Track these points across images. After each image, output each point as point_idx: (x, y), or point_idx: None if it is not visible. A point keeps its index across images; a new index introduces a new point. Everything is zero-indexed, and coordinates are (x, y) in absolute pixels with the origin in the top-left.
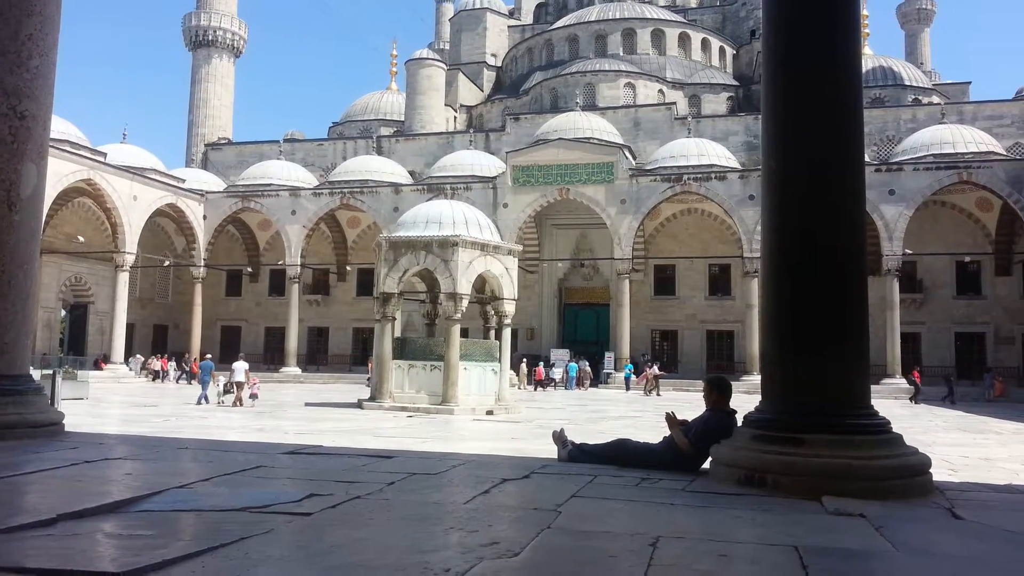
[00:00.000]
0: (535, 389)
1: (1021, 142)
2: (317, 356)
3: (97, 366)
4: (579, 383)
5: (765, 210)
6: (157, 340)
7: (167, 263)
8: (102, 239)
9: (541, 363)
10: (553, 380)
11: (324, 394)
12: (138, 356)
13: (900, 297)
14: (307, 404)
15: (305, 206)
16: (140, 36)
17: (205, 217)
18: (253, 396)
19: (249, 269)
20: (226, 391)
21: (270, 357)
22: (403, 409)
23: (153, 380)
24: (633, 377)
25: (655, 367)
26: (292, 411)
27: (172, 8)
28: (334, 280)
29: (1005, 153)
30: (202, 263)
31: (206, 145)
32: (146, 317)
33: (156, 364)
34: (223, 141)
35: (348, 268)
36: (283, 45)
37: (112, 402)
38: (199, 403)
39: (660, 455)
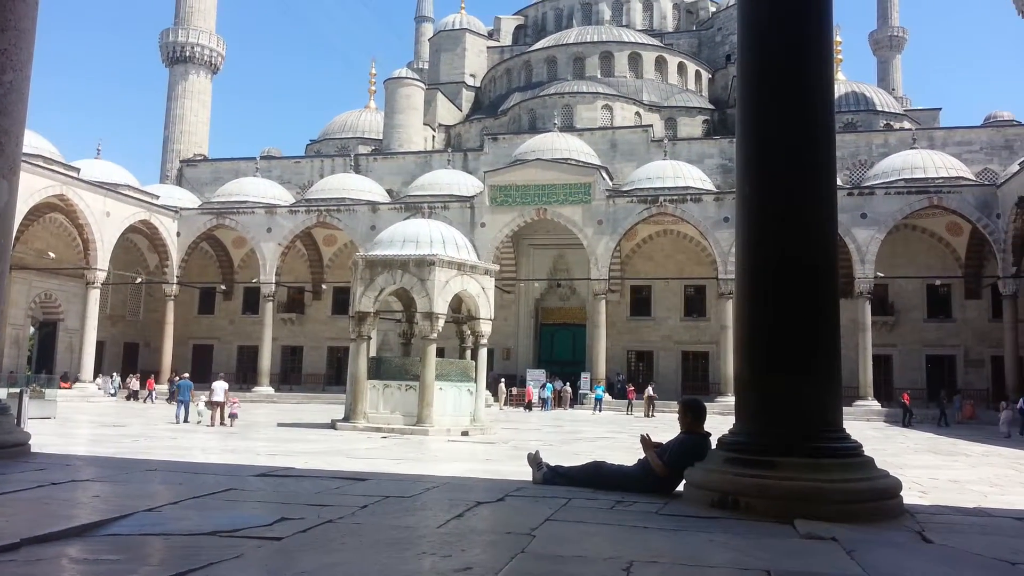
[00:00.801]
0: (527, 410)
1: (990, 168)
2: (291, 375)
3: (61, 384)
4: (558, 403)
5: (739, 233)
6: (127, 358)
7: (139, 280)
8: (73, 255)
9: (530, 383)
10: (544, 400)
11: (297, 414)
12: (114, 375)
13: (872, 319)
14: (280, 424)
15: (281, 224)
16: (117, 51)
17: (179, 234)
18: (232, 416)
19: (223, 287)
20: (209, 408)
21: (243, 376)
22: (377, 430)
23: (133, 400)
24: (606, 397)
25: (650, 388)
26: (264, 431)
27: (149, 23)
28: (309, 299)
29: (974, 178)
30: (175, 280)
31: (181, 161)
32: (116, 335)
33: (134, 383)
34: (199, 158)
35: (324, 287)
36: (262, 62)
37: (81, 422)
38: (178, 422)
39: (635, 478)
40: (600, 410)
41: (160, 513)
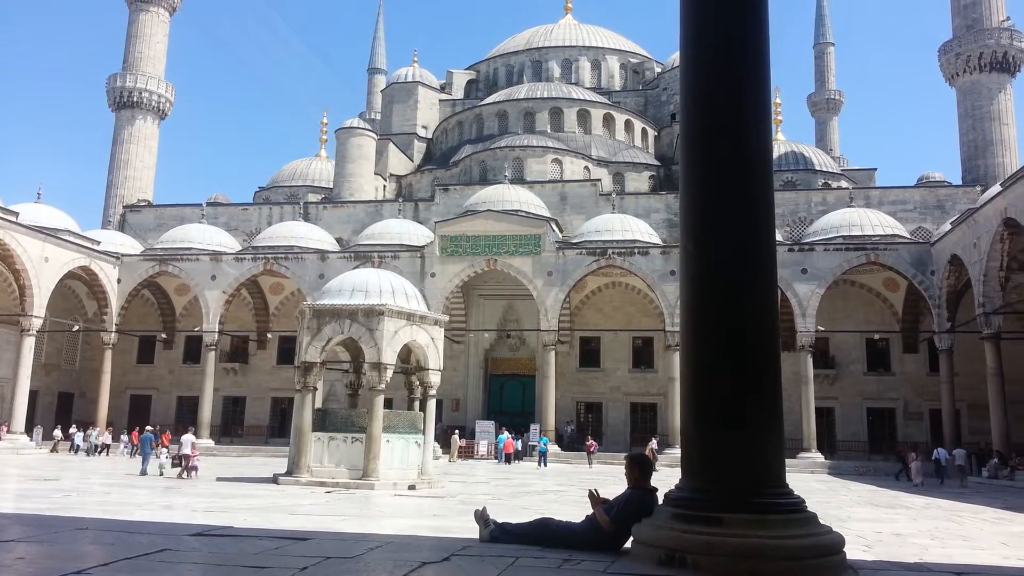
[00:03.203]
0: (508, 463)
1: (923, 226)
2: (232, 427)
3: None
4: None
5: (683, 290)
6: (61, 409)
7: (76, 328)
8: (8, 301)
9: (509, 435)
10: (499, 452)
11: (238, 468)
12: (73, 428)
13: (814, 372)
14: (219, 479)
15: (226, 271)
16: (61, 94)
17: (119, 281)
18: (193, 468)
19: (163, 335)
20: (174, 464)
21: (182, 428)
22: (321, 484)
23: (72, 453)
24: (554, 448)
25: (654, 441)
26: (203, 486)
27: (96, 68)
28: (253, 348)
29: (909, 236)
30: (114, 328)
31: (125, 207)
32: (50, 384)
33: (104, 437)
34: (143, 203)
35: (269, 336)
36: (211, 108)
37: (9, 475)
38: (142, 475)
39: (582, 535)
40: (545, 464)
41: None
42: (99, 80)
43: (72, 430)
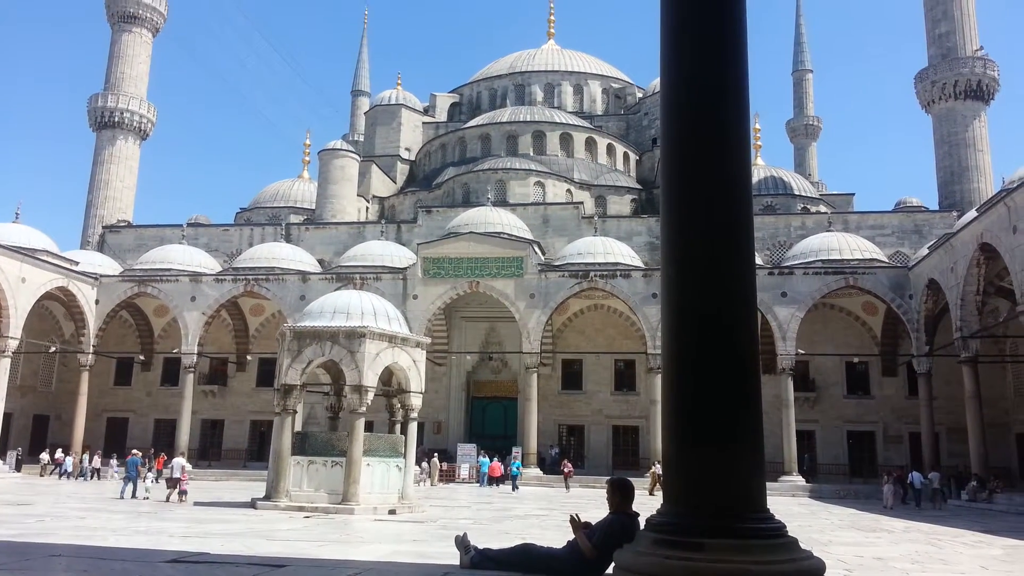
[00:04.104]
0: (497, 486)
1: (901, 250)
2: (210, 451)
3: None
4: (499, 480)
5: (664, 314)
6: (36, 432)
7: (53, 349)
8: None
9: (495, 458)
10: (482, 475)
11: (216, 492)
12: (60, 452)
13: (795, 395)
14: (196, 503)
15: (206, 292)
16: (41, 113)
17: (97, 302)
18: (184, 492)
19: (141, 357)
20: (169, 485)
21: (166, 452)
22: (300, 509)
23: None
24: (535, 472)
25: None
26: (179, 510)
27: (77, 87)
28: (233, 370)
29: (887, 261)
30: (91, 350)
31: (104, 227)
32: (26, 406)
33: (95, 461)
34: (122, 224)
35: (248, 357)
36: (194, 129)
37: None
38: (122, 497)
39: (564, 560)
40: (517, 487)
41: None
42: (80, 100)
43: (59, 454)
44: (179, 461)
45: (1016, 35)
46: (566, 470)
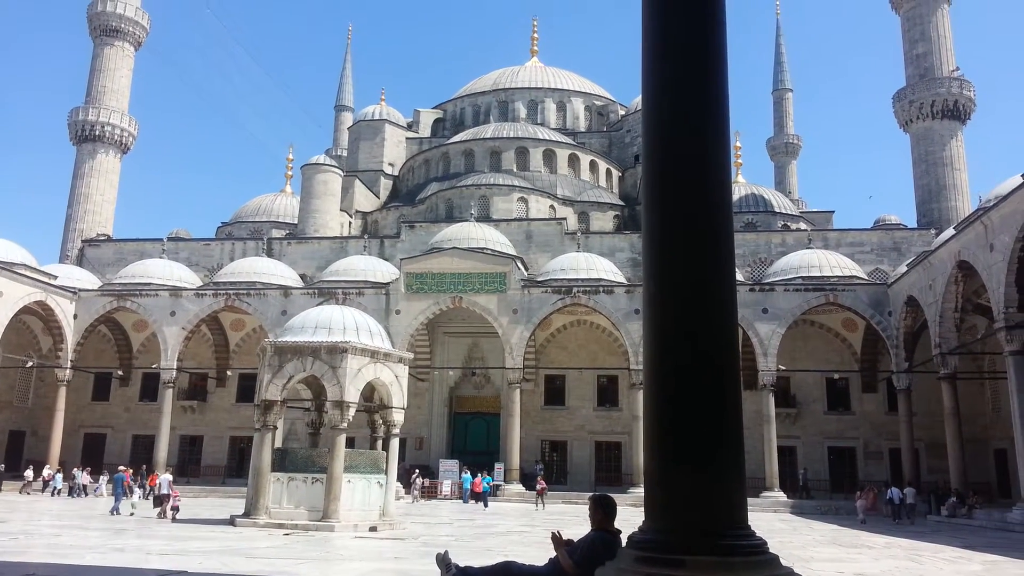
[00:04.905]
0: (483, 503)
1: (880, 268)
2: (189, 467)
3: None
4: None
5: (646, 330)
6: (12, 448)
7: (30, 364)
8: None
9: (479, 474)
10: (464, 491)
11: (195, 509)
12: (48, 468)
13: (776, 411)
14: (175, 520)
15: (186, 307)
16: (20, 126)
17: (76, 316)
18: (175, 508)
19: (120, 372)
20: (155, 504)
21: (137, 468)
22: (280, 526)
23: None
24: (517, 488)
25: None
26: (158, 528)
27: (58, 101)
28: (212, 385)
29: (867, 278)
30: (69, 365)
31: (84, 241)
32: (1, 422)
33: (83, 477)
34: (102, 238)
35: (229, 373)
36: (175, 143)
37: None
38: (112, 514)
39: None
40: (487, 504)
41: None
42: (61, 113)
43: (47, 471)
44: (166, 477)
45: (991, 55)
46: (539, 487)
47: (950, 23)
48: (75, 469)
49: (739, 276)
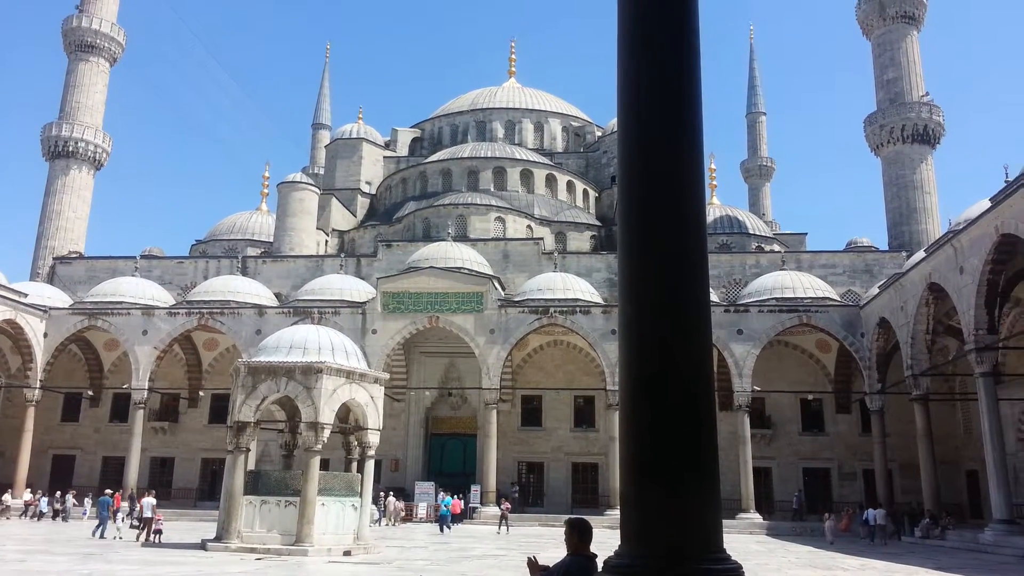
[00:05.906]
0: (443, 529)
1: (853, 289)
2: (159, 489)
3: None
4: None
5: (622, 351)
6: None
7: None
8: None
9: (457, 496)
10: (471, 510)
11: (165, 532)
12: (29, 491)
13: (751, 432)
14: (145, 544)
15: (158, 326)
16: None
17: (46, 335)
18: (158, 531)
19: (90, 392)
20: (135, 526)
21: (102, 491)
22: (252, 550)
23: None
24: (494, 511)
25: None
26: (126, 552)
27: (30, 116)
28: (184, 406)
29: (839, 299)
30: (38, 384)
31: (55, 259)
32: None
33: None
34: (74, 255)
35: (201, 393)
36: (149, 159)
37: None
38: (93, 536)
39: None
40: (448, 528)
41: None
42: (34, 129)
43: (33, 495)
44: (149, 501)
45: (960, 81)
46: (504, 507)
47: (919, 49)
48: (59, 492)
49: (714, 297)
